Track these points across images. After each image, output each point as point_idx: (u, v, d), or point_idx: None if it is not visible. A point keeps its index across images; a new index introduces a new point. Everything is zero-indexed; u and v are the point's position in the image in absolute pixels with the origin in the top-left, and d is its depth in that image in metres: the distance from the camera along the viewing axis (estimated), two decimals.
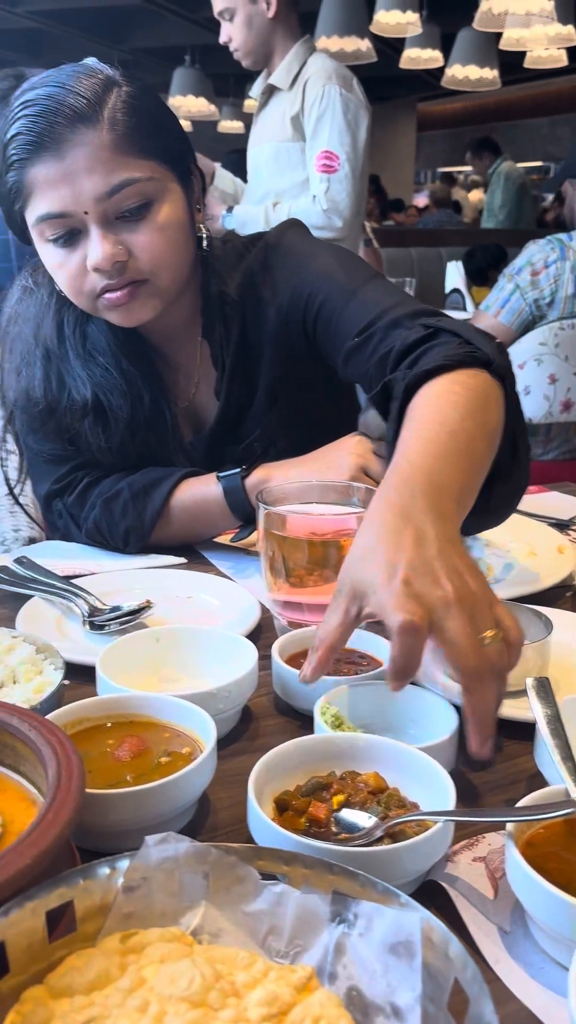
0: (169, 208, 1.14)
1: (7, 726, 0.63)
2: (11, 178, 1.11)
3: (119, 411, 1.25)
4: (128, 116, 1.10)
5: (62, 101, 1.07)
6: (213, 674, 0.87)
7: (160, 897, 0.54)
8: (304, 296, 1.23)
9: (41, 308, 1.26)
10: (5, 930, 0.48)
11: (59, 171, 1.08)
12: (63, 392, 1.25)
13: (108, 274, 1.11)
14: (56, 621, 1.02)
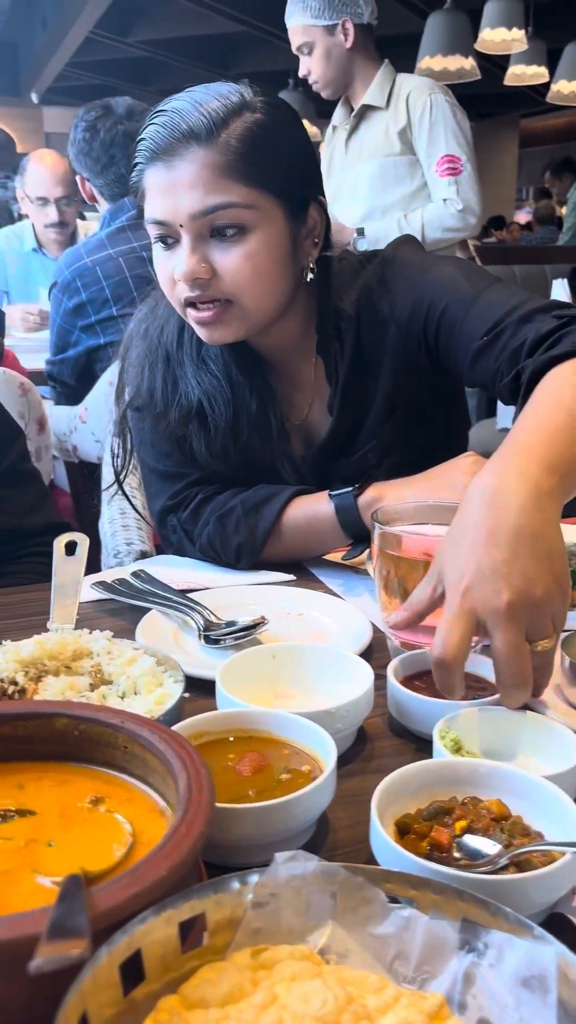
0: (264, 237, 1.15)
1: (138, 737, 0.65)
2: (135, 177, 1.17)
3: (220, 418, 1.28)
4: (244, 143, 1.12)
5: (186, 117, 1.11)
6: (328, 692, 0.87)
7: (288, 914, 0.54)
8: (424, 306, 1.23)
9: (168, 310, 1.30)
10: (142, 938, 0.49)
11: (166, 181, 1.12)
12: (175, 395, 1.28)
13: (190, 287, 1.15)
14: (173, 634, 1.05)
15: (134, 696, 0.85)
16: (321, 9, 2.92)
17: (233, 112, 1.12)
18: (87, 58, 10.37)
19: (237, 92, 1.15)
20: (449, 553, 0.81)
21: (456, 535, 0.82)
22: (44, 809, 0.63)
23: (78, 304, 2.58)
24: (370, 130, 3.15)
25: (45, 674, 0.88)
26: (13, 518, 1.33)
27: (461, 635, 0.75)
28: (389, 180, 3.11)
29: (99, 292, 2.55)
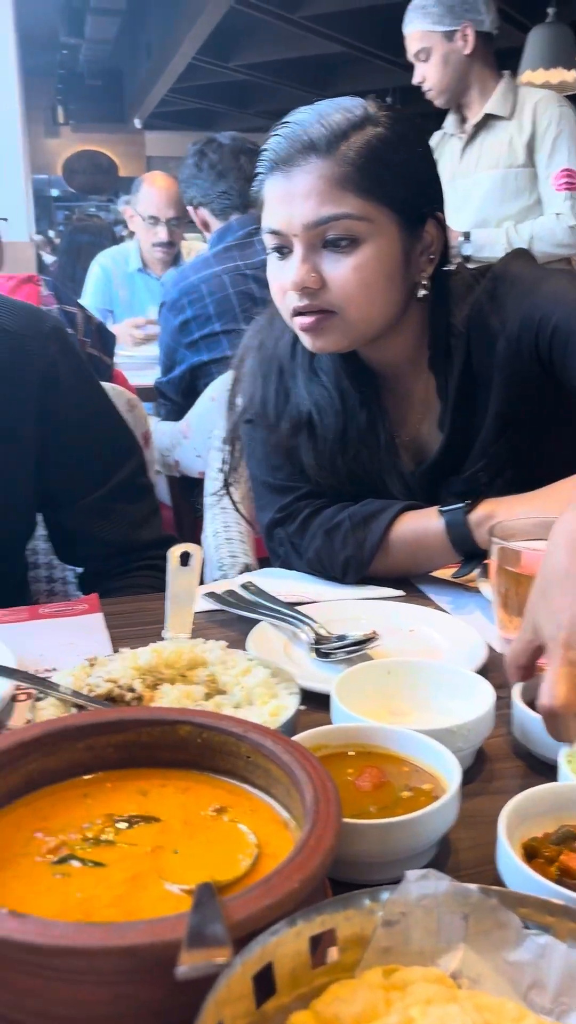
0: (376, 250, 1.16)
1: (261, 748, 0.64)
2: (254, 187, 1.20)
3: (328, 430, 1.28)
4: (362, 156, 1.13)
5: (308, 129, 1.13)
6: (444, 711, 0.85)
7: (418, 934, 0.53)
8: (536, 320, 1.21)
9: (284, 323, 1.32)
10: (273, 950, 0.49)
11: (284, 191, 1.15)
12: (286, 406, 1.29)
13: (299, 296, 1.16)
14: (283, 646, 1.05)
15: (248, 707, 0.86)
16: (442, 15, 2.90)
17: (355, 125, 1.14)
18: (189, 83, 10.62)
19: (361, 106, 1.16)
20: (541, 605, 0.80)
21: (545, 585, 0.81)
22: (168, 816, 0.63)
23: (183, 321, 2.64)
24: (491, 140, 3.12)
25: (161, 682, 0.89)
26: (127, 530, 1.35)
27: (569, 686, 0.73)
28: (508, 192, 3.09)
29: (203, 309, 2.61)
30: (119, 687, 0.87)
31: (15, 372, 1.24)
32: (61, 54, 11.99)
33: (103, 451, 1.35)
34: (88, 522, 1.33)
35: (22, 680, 0.88)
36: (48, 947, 0.45)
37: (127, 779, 0.67)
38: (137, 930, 0.46)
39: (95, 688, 0.86)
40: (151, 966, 0.47)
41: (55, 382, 1.27)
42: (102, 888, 0.56)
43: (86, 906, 0.54)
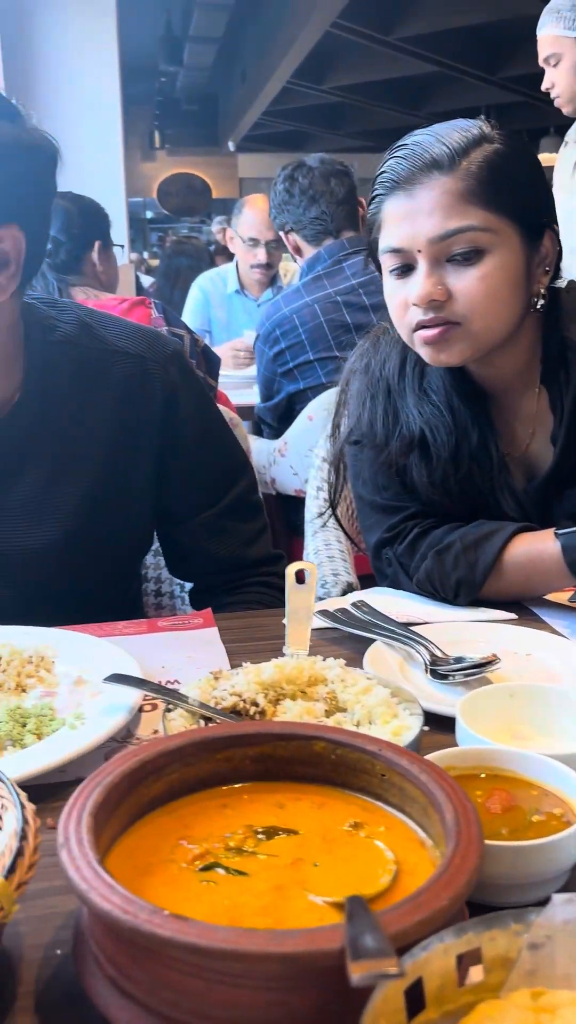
0: (500, 261, 1.17)
1: (395, 766, 0.66)
2: (372, 210, 1.23)
3: (442, 448, 1.29)
4: (484, 170, 1.16)
5: (428, 148, 1.16)
6: (568, 735, 0.85)
7: (563, 959, 0.53)
8: None
9: (390, 346, 1.34)
10: (423, 966, 0.50)
11: (406, 209, 1.17)
12: (396, 426, 1.31)
13: (424, 310, 1.17)
14: (399, 665, 1.05)
15: (369, 726, 0.87)
16: (575, 20, 2.84)
17: (473, 142, 1.16)
18: (282, 106, 10.80)
19: (476, 125, 1.19)
20: None
21: None
22: (306, 830, 0.65)
23: (278, 352, 2.70)
24: None
25: (283, 697, 0.91)
26: (238, 547, 1.38)
27: None
28: None
29: (296, 339, 2.66)
30: (243, 701, 0.89)
31: (139, 394, 1.29)
32: (160, 82, 12.34)
33: (219, 469, 1.38)
34: (203, 539, 1.36)
35: (152, 691, 0.91)
36: (210, 949, 0.47)
37: (263, 791, 0.69)
38: (296, 938, 0.48)
39: (221, 701, 0.89)
40: (307, 974, 0.48)
41: (176, 403, 1.31)
42: (248, 896, 0.57)
43: (234, 913, 0.56)
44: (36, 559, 1.24)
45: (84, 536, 1.26)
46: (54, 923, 0.66)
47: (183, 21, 9.98)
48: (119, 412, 1.28)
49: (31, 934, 0.65)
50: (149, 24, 9.72)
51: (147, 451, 1.30)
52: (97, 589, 1.31)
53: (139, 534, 1.37)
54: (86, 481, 1.26)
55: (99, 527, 1.28)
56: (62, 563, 1.25)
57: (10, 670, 0.99)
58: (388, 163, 1.20)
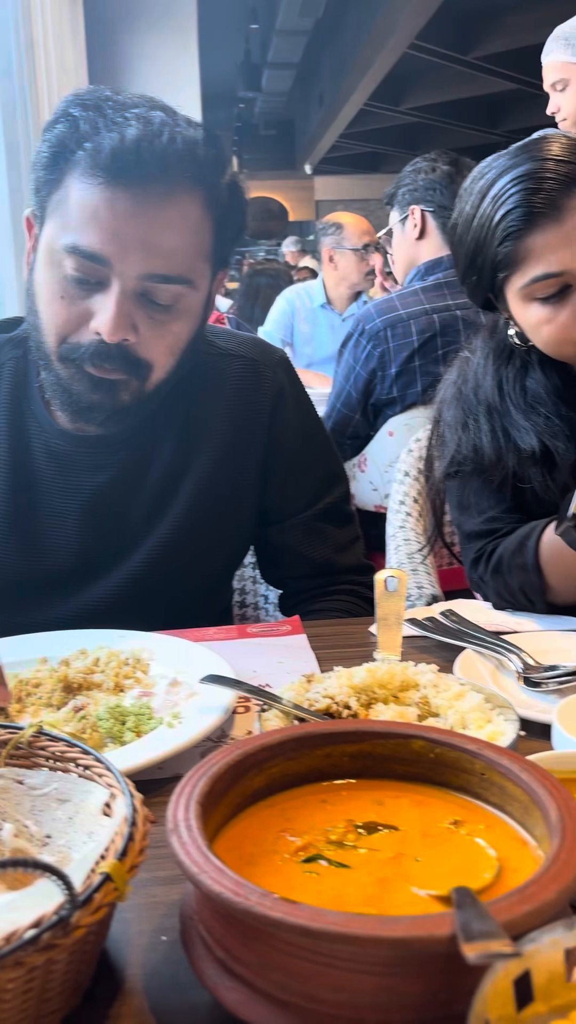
0: None
1: (496, 765, 0.66)
2: (503, 250, 1.22)
3: (565, 454, 1.28)
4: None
5: (560, 172, 1.18)
6: None
7: None
8: None
9: (479, 371, 1.34)
10: (531, 957, 0.50)
11: (559, 236, 1.18)
12: (509, 443, 1.30)
13: None
14: (490, 673, 1.05)
15: (463, 731, 0.87)
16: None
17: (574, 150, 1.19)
18: (359, 128, 10.89)
19: (559, 134, 1.22)
20: None
21: None
22: (406, 826, 0.65)
23: (382, 353, 2.58)
24: None
25: (375, 701, 0.92)
26: (330, 552, 1.40)
27: None
28: None
29: (407, 345, 2.54)
30: (336, 703, 0.90)
31: (251, 394, 1.34)
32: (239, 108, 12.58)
33: (317, 473, 1.41)
34: (296, 540, 1.39)
35: (247, 692, 0.92)
36: (321, 931, 0.48)
37: (362, 788, 0.70)
38: (404, 924, 0.49)
39: (314, 703, 0.90)
40: (416, 960, 0.49)
41: (283, 404, 1.36)
42: (352, 888, 0.58)
43: (339, 903, 0.57)
44: (150, 556, 1.28)
45: (195, 534, 1.30)
46: (158, 912, 0.68)
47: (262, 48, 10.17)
48: (232, 412, 1.33)
49: (136, 920, 0.67)
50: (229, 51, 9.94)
51: (255, 450, 1.34)
52: (195, 594, 1.34)
53: (243, 534, 1.41)
54: (201, 479, 1.30)
55: (209, 526, 1.32)
56: (170, 563, 1.29)
57: (108, 671, 1.02)
58: (515, 197, 1.20)
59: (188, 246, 1.16)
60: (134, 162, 1.10)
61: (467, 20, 7.54)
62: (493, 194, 1.21)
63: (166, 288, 1.15)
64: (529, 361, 1.33)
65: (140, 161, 1.10)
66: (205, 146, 1.16)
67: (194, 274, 1.18)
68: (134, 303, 1.15)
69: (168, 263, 1.14)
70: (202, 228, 1.18)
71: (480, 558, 1.34)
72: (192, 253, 1.17)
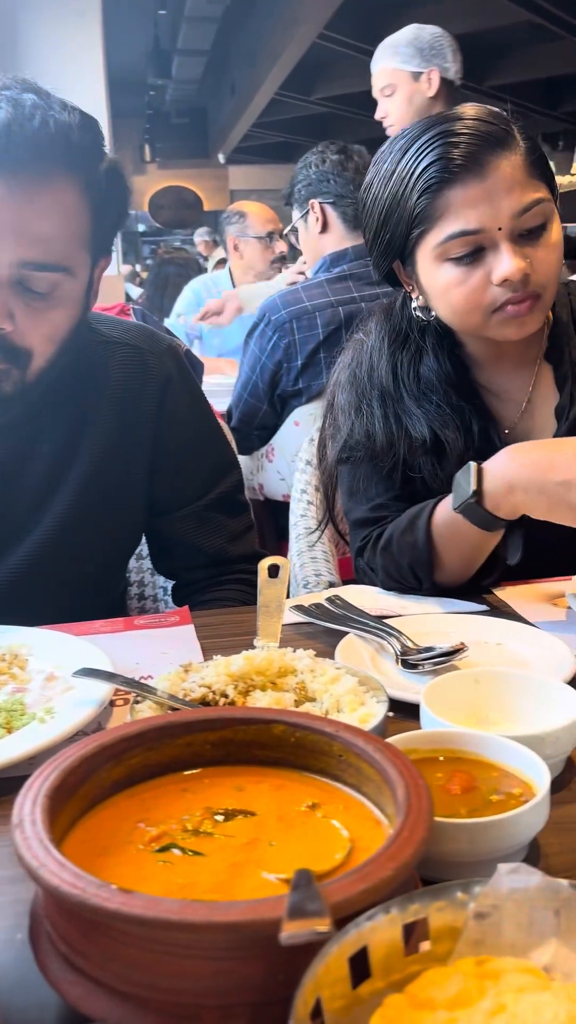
0: (556, 230, 1.23)
1: (352, 746, 0.66)
2: (420, 202, 1.20)
3: (455, 444, 1.29)
4: (530, 143, 1.21)
5: (482, 129, 1.19)
6: (532, 720, 0.85)
7: (509, 928, 0.54)
8: None
9: (373, 354, 1.35)
10: (369, 935, 0.50)
11: (480, 190, 1.18)
12: (401, 430, 1.31)
13: (514, 286, 1.19)
14: (370, 656, 1.06)
15: (337, 714, 0.87)
16: (411, 56, 3.00)
17: (508, 119, 1.21)
18: (272, 118, 10.86)
19: (488, 106, 1.23)
20: None
21: None
22: (263, 811, 0.65)
23: (288, 344, 2.57)
24: None
25: (253, 689, 0.92)
26: (222, 542, 1.40)
27: None
28: None
29: (313, 338, 2.55)
30: (213, 692, 0.90)
31: (137, 383, 1.32)
32: (149, 95, 12.41)
33: (208, 463, 1.41)
34: (187, 530, 1.38)
35: (121, 684, 0.91)
36: (155, 920, 0.48)
37: (224, 775, 0.70)
38: (239, 908, 0.49)
39: (190, 692, 0.90)
40: (252, 943, 0.49)
41: (171, 394, 1.34)
42: (203, 875, 0.58)
43: (187, 891, 0.57)
44: (35, 550, 1.26)
45: (81, 527, 1.28)
46: (16, 909, 0.66)
47: (171, 34, 10.05)
48: (118, 402, 1.31)
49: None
50: (137, 37, 9.79)
51: (143, 440, 1.33)
52: (86, 587, 1.32)
53: (133, 526, 1.39)
54: (87, 470, 1.28)
55: (97, 519, 1.30)
56: (57, 555, 1.27)
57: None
58: (437, 150, 1.18)
59: (64, 233, 1.14)
60: (3, 147, 1.07)
61: (375, 11, 7.57)
62: (414, 148, 1.21)
63: (42, 276, 1.13)
64: (423, 347, 1.33)
65: (10, 146, 1.07)
66: (80, 131, 1.13)
67: (71, 262, 1.15)
68: (9, 291, 1.12)
69: (43, 250, 1.12)
70: (79, 215, 1.15)
71: (366, 545, 1.34)
72: (68, 240, 1.15)
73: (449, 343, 1.34)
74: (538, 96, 10.02)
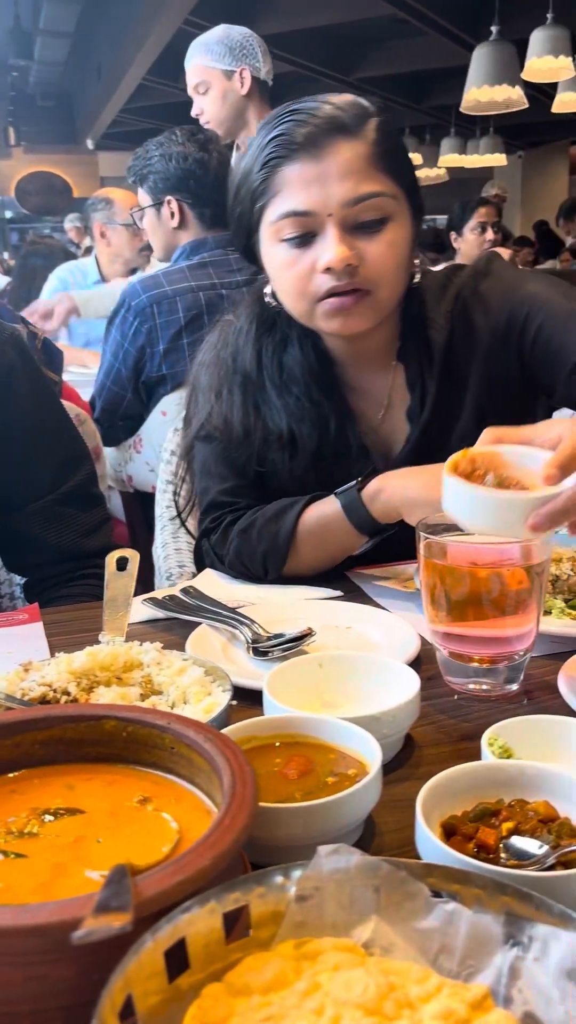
0: (401, 229, 1.21)
1: (183, 738, 0.66)
2: (261, 175, 1.19)
3: (308, 440, 1.29)
4: (383, 137, 1.19)
5: (328, 113, 1.16)
6: (374, 701, 0.87)
7: (331, 908, 0.54)
8: (521, 317, 1.26)
9: (240, 337, 1.33)
10: (186, 927, 0.50)
11: (313, 172, 1.16)
12: (258, 420, 1.30)
13: (337, 275, 1.17)
14: (222, 646, 1.06)
15: (184, 705, 0.87)
16: (222, 54, 3.05)
17: (367, 110, 1.19)
18: (140, 104, 10.66)
19: (362, 96, 1.21)
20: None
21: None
22: (93, 808, 0.64)
23: (150, 329, 2.55)
24: None
25: (97, 685, 0.90)
26: (76, 537, 1.36)
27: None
28: None
29: (174, 322, 2.53)
30: (53, 691, 0.88)
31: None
32: (11, 76, 11.99)
33: (56, 457, 1.37)
34: (38, 526, 1.34)
35: None
36: None
37: (54, 774, 0.68)
38: (47, 910, 0.47)
39: (29, 692, 0.87)
40: (61, 945, 0.47)
41: (12, 386, 1.30)
42: (24, 877, 0.56)
43: (8, 895, 0.55)
44: None
45: None
46: None
47: (33, 14, 9.73)
48: None
49: None
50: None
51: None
52: None
53: None
54: None
55: None
56: None
57: None
58: (283, 126, 1.17)
59: None
60: None
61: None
62: (269, 124, 1.20)
63: None
64: (289, 336, 1.32)
65: None
66: None
67: None
68: None
69: None
70: None
71: (216, 527, 1.34)
72: None
73: (313, 335, 1.32)
74: (405, 90, 10.18)
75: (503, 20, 5.96)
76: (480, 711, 0.92)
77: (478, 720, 0.89)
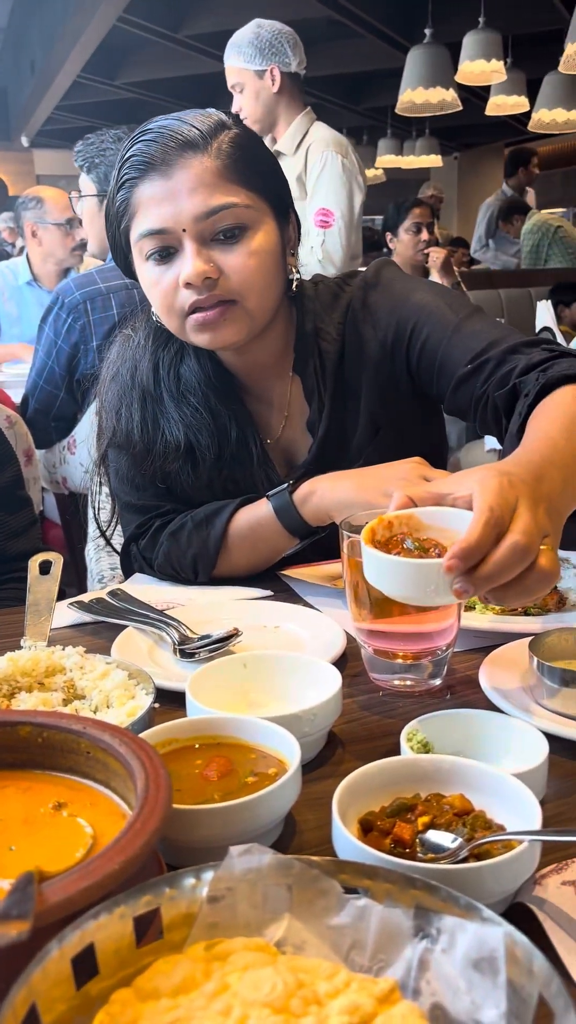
0: (262, 237, 1.20)
1: (99, 742, 0.65)
2: (121, 196, 1.20)
3: (207, 450, 1.29)
4: (234, 150, 1.18)
5: (176, 130, 1.16)
6: (299, 699, 0.87)
7: (244, 908, 0.54)
8: (408, 329, 1.27)
9: (138, 351, 1.32)
10: (94, 933, 0.49)
11: (164, 190, 1.16)
12: (158, 434, 1.29)
13: (198, 290, 1.16)
14: (148, 649, 1.05)
15: (107, 709, 0.86)
16: (252, 55, 3.23)
17: (217, 125, 1.18)
18: (76, 101, 10.54)
19: (214, 112, 1.21)
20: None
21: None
22: (7, 816, 0.63)
23: (83, 326, 2.53)
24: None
25: (18, 691, 0.89)
26: (1, 541, 1.34)
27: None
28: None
29: (108, 319, 2.51)
30: None
31: None
32: None
33: None
34: None
35: None
36: None
37: None
38: None
39: None
40: None
41: None
42: None
43: None
44: None
45: None
46: None
47: None
48: None
49: None
50: None
51: None
52: None
53: None
54: None
55: None
56: None
57: None
58: (136, 147, 1.18)
59: None
60: None
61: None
62: (126, 145, 1.19)
63: None
64: (186, 347, 1.32)
65: None
66: None
67: None
68: None
69: None
70: None
71: (144, 532, 1.33)
72: None
73: None
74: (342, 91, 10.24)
75: (437, 23, 6.03)
76: (404, 707, 0.93)
77: (402, 716, 0.90)
